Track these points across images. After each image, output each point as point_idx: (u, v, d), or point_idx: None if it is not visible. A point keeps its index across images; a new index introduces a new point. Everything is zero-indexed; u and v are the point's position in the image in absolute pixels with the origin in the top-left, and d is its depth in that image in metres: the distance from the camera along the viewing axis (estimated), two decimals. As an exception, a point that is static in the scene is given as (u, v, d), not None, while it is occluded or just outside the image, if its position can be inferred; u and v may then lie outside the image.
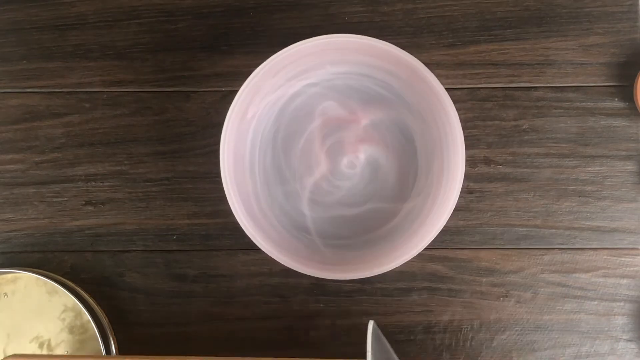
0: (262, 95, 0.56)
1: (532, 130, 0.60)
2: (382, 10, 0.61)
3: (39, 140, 0.61)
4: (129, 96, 0.61)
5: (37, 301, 0.57)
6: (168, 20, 0.61)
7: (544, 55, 0.60)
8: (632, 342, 0.59)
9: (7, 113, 0.61)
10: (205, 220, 0.60)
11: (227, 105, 0.53)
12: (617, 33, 0.60)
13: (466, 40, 0.60)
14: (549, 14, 0.60)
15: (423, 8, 0.61)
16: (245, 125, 0.56)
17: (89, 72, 0.61)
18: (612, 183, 0.60)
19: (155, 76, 0.61)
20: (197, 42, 0.61)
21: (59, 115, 0.61)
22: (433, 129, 0.55)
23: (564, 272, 0.59)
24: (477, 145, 0.60)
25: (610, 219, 0.59)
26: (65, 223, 0.60)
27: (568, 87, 0.60)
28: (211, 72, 0.61)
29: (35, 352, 0.57)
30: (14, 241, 0.60)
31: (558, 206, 0.60)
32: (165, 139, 0.60)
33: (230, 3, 0.61)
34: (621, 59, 0.60)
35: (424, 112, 0.56)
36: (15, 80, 0.61)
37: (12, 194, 0.60)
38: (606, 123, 0.60)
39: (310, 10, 0.61)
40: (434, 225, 0.52)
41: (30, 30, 0.61)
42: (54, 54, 0.61)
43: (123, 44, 0.61)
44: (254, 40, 0.61)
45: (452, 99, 0.52)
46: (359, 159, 0.59)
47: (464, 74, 0.60)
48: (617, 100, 0.60)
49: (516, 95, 0.60)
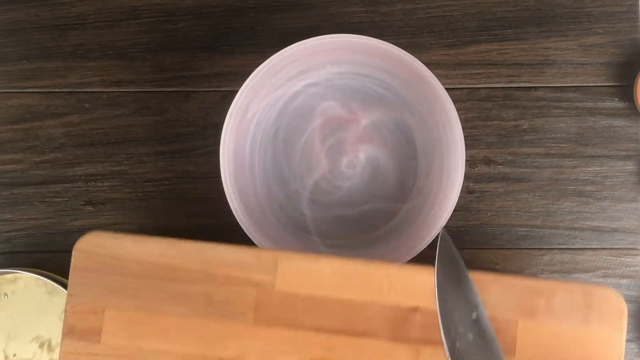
0: (262, 95, 0.56)
1: (532, 130, 0.60)
2: (382, 10, 0.61)
3: (39, 140, 0.61)
4: (129, 96, 0.61)
5: (37, 301, 0.57)
6: (168, 20, 0.61)
7: (544, 55, 0.60)
8: (632, 342, 0.59)
9: (7, 113, 0.61)
10: (205, 220, 0.60)
11: (227, 105, 0.53)
12: (617, 33, 0.60)
13: (466, 40, 0.60)
14: (549, 14, 0.60)
15: (423, 8, 0.61)
16: (245, 125, 0.56)
17: (89, 72, 0.61)
18: (612, 183, 0.60)
19: (155, 76, 0.61)
20: (197, 42, 0.61)
21: (59, 115, 0.61)
22: (433, 129, 0.55)
23: (564, 272, 0.59)
24: (477, 145, 0.60)
25: (610, 219, 0.59)
26: (65, 223, 0.60)
27: (568, 87, 0.60)
28: (211, 72, 0.61)
29: (35, 352, 0.57)
30: (14, 241, 0.60)
31: (558, 206, 0.60)
32: (165, 139, 0.60)
33: (230, 3, 0.61)
34: (621, 59, 0.60)
35: (424, 112, 0.56)
36: (15, 80, 0.61)
37: (12, 194, 0.60)
38: (606, 123, 0.60)
39: (310, 10, 0.61)
40: (434, 225, 0.52)
41: (30, 30, 0.61)
42: (54, 54, 0.61)
43: (123, 44, 0.61)
44: (254, 40, 0.61)
45: (452, 99, 0.52)
46: (359, 159, 0.59)
47: (464, 74, 0.60)
48: (617, 100, 0.60)
49: (516, 95, 0.60)
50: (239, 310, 0.45)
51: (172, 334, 0.45)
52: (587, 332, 0.44)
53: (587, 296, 0.45)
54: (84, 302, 0.46)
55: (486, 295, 0.45)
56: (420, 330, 0.45)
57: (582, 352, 0.44)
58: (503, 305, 0.45)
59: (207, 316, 0.45)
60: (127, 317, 0.46)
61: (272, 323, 0.45)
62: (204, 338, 0.45)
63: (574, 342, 0.44)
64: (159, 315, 0.46)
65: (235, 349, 0.45)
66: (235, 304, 0.45)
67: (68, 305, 0.46)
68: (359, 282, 0.45)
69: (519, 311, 0.45)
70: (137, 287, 0.46)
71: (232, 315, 0.45)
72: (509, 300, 0.45)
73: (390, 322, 0.45)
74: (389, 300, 0.45)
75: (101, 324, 0.46)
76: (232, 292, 0.46)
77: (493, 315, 0.45)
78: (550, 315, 0.45)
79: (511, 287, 0.45)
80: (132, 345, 0.45)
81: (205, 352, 0.45)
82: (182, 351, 0.45)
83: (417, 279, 0.45)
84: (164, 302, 0.46)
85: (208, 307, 0.46)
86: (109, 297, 0.46)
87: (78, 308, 0.46)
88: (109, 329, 0.46)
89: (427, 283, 0.45)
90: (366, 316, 0.45)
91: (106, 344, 0.46)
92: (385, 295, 0.45)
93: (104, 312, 0.46)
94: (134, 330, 0.46)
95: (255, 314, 0.45)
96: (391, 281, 0.45)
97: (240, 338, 0.45)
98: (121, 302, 0.46)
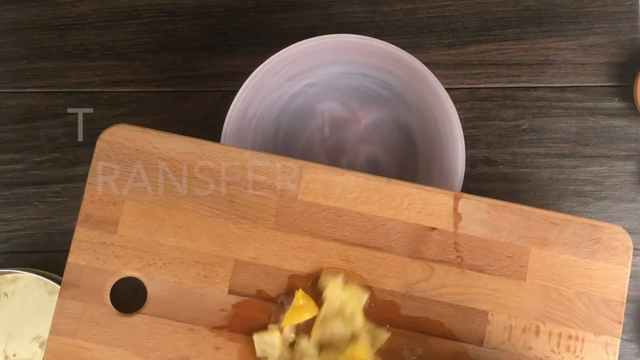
0: (262, 95, 0.56)
1: (532, 130, 0.60)
2: (382, 10, 0.61)
3: (39, 140, 0.61)
4: (129, 96, 0.61)
5: (37, 301, 0.57)
6: (168, 20, 0.61)
7: (544, 55, 0.60)
8: (632, 342, 0.59)
9: (7, 113, 0.61)
10: (205, 220, 0.60)
11: (227, 105, 0.53)
12: (617, 33, 0.60)
13: (466, 40, 0.60)
14: (549, 14, 0.60)
15: (423, 8, 0.61)
16: (245, 125, 0.56)
17: (89, 72, 0.61)
18: (612, 183, 0.60)
19: (155, 76, 0.61)
20: (197, 42, 0.61)
21: (59, 115, 0.61)
22: (433, 129, 0.55)
23: (564, 272, 0.59)
24: (477, 145, 0.60)
25: (610, 219, 0.59)
26: (65, 223, 0.60)
27: (568, 87, 0.60)
28: (211, 72, 0.61)
29: (35, 352, 0.57)
30: (14, 241, 0.60)
31: (558, 206, 0.60)
32: (165, 139, 0.60)
33: (230, 3, 0.61)
34: (621, 59, 0.60)
35: (424, 112, 0.56)
36: (15, 80, 0.61)
37: (12, 194, 0.60)
38: (606, 123, 0.60)
39: (310, 10, 0.61)
40: (434, 225, 0.53)
41: (30, 30, 0.61)
42: (54, 54, 0.61)
43: (123, 44, 0.61)
44: (254, 40, 0.61)
45: (452, 99, 0.52)
46: (359, 158, 0.59)
47: (464, 74, 0.60)
48: (617, 100, 0.60)
49: (516, 95, 0.60)
50: (260, 215, 0.46)
51: (190, 232, 0.45)
52: (594, 264, 0.46)
53: (597, 231, 0.46)
54: (103, 192, 0.46)
55: (501, 222, 0.46)
56: (436, 249, 0.46)
57: (589, 281, 0.46)
58: (517, 232, 0.46)
59: (228, 217, 0.46)
60: (147, 210, 0.46)
61: (292, 229, 0.46)
62: (223, 238, 0.46)
63: (581, 273, 0.46)
64: (180, 212, 0.46)
65: (253, 251, 0.46)
66: (257, 208, 0.46)
67: (87, 193, 0.46)
68: (380, 198, 0.46)
69: (532, 239, 0.46)
70: (160, 183, 0.46)
71: (253, 218, 0.46)
72: (523, 228, 0.46)
73: (408, 239, 0.46)
74: (409, 218, 0.46)
75: (119, 215, 0.46)
76: (255, 196, 0.46)
77: (508, 241, 0.46)
78: (561, 246, 0.46)
79: (526, 216, 0.46)
80: (148, 239, 0.45)
81: (223, 252, 0.45)
82: (199, 249, 0.45)
83: (436, 200, 0.46)
84: (185, 200, 0.46)
85: (230, 209, 0.46)
86: (130, 189, 0.46)
87: (97, 197, 0.46)
88: (127, 220, 0.46)
89: (446, 205, 0.46)
90: (384, 231, 0.46)
91: (122, 235, 0.45)
92: (404, 213, 0.46)
93: (123, 202, 0.46)
94: (153, 224, 0.46)
95: (276, 218, 0.46)
96: (411, 200, 0.46)
97: (258, 242, 0.46)
98: (142, 195, 0.46)
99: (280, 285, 0.45)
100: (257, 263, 0.46)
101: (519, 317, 0.46)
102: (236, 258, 0.46)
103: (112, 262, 0.45)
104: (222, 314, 0.45)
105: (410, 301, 0.46)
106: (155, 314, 0.45)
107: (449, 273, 0.46)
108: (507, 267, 0.46)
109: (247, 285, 0.45)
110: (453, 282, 0.46)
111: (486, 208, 0.46)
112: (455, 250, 0.46)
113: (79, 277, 0.45)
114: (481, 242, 0.46)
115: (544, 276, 0.46)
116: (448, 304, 0.46)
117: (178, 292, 0.45)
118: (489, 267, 0.46)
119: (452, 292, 0.46)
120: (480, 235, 0.46)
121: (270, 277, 0.46)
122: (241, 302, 0.45)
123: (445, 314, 0.46)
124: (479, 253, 0.46)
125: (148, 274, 0.45)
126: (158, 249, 0.45)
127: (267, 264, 0.46)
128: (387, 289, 0.46)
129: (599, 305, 0.46)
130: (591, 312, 0.46)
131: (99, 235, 0.45)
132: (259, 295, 0.45)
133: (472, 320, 0.46)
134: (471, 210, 0.46)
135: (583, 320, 0.46)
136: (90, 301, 0.45)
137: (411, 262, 0.46)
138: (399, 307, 0.46)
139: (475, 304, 0.46)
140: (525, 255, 0.46)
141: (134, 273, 0.45)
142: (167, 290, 0.45)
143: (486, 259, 0.46)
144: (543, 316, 0.46)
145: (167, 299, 0.45)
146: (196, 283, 0.45)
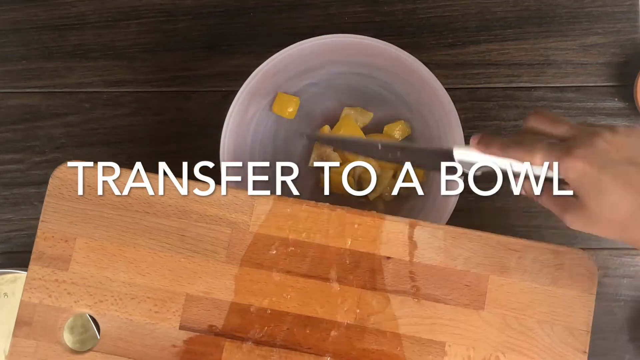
0: (262, 95, 0.56)
1: (532, 130, 0.60)
2: (382, 10, 0.61)
3: (39, 140, 0.61)
4: (129, 96, 0.61)
5: (37, 301, 0.57)
6: (168, 20, 0.61)
7: (544, 55, 0.60)
8: (632, 342, 0.59)
9: (7, 113, 0.61)
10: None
11: (227, 105, 0.53)
12: (617, 33, 0.60)
13: (466, 40, 0.60)
14: (549, 14, 0.60)
15: (423, 8, 0.61)
16: (245, 125, 0.56)
17: (89, 72, 0.61)
18: (612, 183, 0.60)
19: (155, 76, 0.61)
20: (197, 42, 0.61)
21: (59, 115, 0.61)
22: (433, 129, 0.55)
23: (564, 272, 0.59)
24: (477, 145, 0.60)
25: (610, 219, 0.59)
26: (65, 223, 0.60)
27: (568, 87, 0.60)
28: (211, 72, 0.61)
29: (35, 352, 0.57)
30: (14, 241, 0.60)
31: (558, 206, 0.59)
32: (165, 139, 0.60)
33: (230, 3, 0.61)
34: (621, 59, 0.60)
35: (424, 112, 0.56)
36: (15, 80, 0.61)
37: (12, 194, 0.60)
38: (606, 123, 0.60)
39: (310, 10, 0.61)
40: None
41: (30, 30, 0.61)
42: (54, 54, 0.61)
43: (123, 44, 0.61)
44: (254, 40, 0.61)
45: (452, 99, 0.52)
46: (359, 159, 0.59)
47: (464, 74, 0.60)
48: (617, 100, 0.60)
49: (516, 95, 0.60)
50: (211, 248, 0.45)
51: (141, 267, 0.45)
52: (556, 291, 0.45)
53: (559, 257, 0.45)
54: (55, 229, 0.46)
55: (458, 249, 0.45)
56: (392, 279, 0.45)
57: (551, 309, 0.45)
58: (474, 259, 0.45)
59: (179, 251, 0.45)
60: (98, 247, 0.45)
61: (244, 262, 0.45)
62: (174, 273, 0.45)
63: (542, 300, 0.45)
64: (131, 247, 0.45)
65: (204, 285, 0.45)
66: (208, 242, 0.46)
67: (39, 231, 0.45)
68: (333, 228, 0.46)
69: (490, 266, 0.45)
70: (111, 218, 0.46)
71: (204, 252, 0.45)
72: (480, 256, 0.45)
73: (362, 270, 0.45)
74: (362, 247, 0.45)
75: (71, 252, 0.45)
76: (206, 229, 0.46)
77: (465, 269, 0.45)
78: (521, 273, 0.45)
79: (484, 242, 0.45)
80: (100, 275, 0.45)
81: (174, 287, 0.45)
82: (150, 285, 0.45)
83: (391, 228, 0.46)
84: (137, 235, 0.45)
85: (181, 243, 0.45)
86: (81, 226, 0.45)
87: (49, 234, 0.46)
88: (79, 257, 0.45)
89: (401, 233, 0.46)
90: (338, 262, 0.45)
91: (74, 271, 0.45)
92: (358, 242, 0.46)
93: (75, 240, 0.45)
94: (104, 260, 0.45)
95: (227, 252, 0.45)
96: (365, 229, 0.46)
97: (210, 275, 0.45)
98: (94, 231, 0.46)
99: (231, 320, 0.45)
100: (209, 297, 0.45)
101: (477, 348, 0.45)
102: (187, 293, 0.45)
103: (64, 300, 0.45)
104: (173, 350, 0.45)
105: (365, 334, 0.45)
106: (107, 351, 0.45)
107: (404, 303, 0.45)
108: (464, 296, 0.45)
109: (199, 320, 0.45)
110: (409, 313, 0.45)
111: (442, 235, 0.45)
112: (411, 279, 0.45)
113: (32, 316, 0.45)
114: (438, 271, 0.45)
115: (503, 305, 0.45)
116: (404, 336, 0.45)
117: (129, 329, 0.45)
118: (445, 296, 0.45)
119: (408, 323, 0.45)
120: (437, 263, 0.45)
121: (222, 311, 0.45)
122: (192, 338, 0.45)
123: (401, 346, 0.45)
124: (436, 282, 0.45)
125: (100, 310, 0.45)
126: (109, 285, 0.45)
127: (219, 297, 0.45)
128: (341, 321, 0.45)
129: (563, 335, 0.45)
130: (554, 342, 0.44)
131: (51, 272, 0.45)
132: (211, 330, 0.45)
133: (429, 351, 0.45)
134: (427, 238, 0.45)
135: (545, 351, 0.44)
136: (43, 339, 0.45)
137: (365, 292, 0.45)
138: (354, 340, 0.45)
139: (432, 335, 0.45)
140: (483, 284, 0.45)
141: (86, 310, 0.45)
142: (119, 327, 0.45)
143: (443, 288, 0.45)
144: (503, 346, 0.44)
145: (119, 336, 0.45)
146: (147, 319, 0.45)
